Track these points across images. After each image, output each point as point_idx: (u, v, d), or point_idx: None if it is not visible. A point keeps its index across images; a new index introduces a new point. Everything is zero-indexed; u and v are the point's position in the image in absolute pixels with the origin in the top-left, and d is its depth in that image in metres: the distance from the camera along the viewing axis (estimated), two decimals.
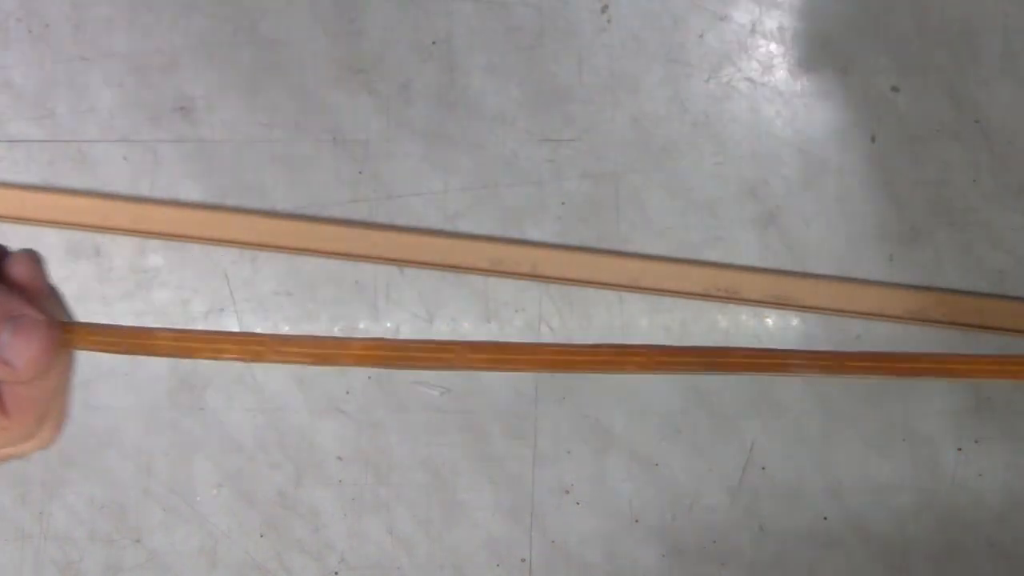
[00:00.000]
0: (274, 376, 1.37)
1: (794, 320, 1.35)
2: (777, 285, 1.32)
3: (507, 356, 0.44)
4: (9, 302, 0.39)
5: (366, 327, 1.37)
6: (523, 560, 1.37)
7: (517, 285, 1.36)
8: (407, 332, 1.37)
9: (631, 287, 1.34)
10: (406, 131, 1.38)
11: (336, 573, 1.38)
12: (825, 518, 1.35)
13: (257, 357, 0.43)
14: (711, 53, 1.37)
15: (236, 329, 1.37)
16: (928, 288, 1.34)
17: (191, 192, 1.38)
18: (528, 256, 1.34)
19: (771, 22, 1.37)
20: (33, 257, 0.41)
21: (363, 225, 1.37)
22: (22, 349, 0.38)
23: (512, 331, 1.36)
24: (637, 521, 1.36)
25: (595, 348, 0.44)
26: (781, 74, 1.37)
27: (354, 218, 1.37)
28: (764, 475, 1.35)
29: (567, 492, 1.37)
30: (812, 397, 1.35)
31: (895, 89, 1.36)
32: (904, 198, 1.35)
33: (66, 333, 0.42)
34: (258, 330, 1.37)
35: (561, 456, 1.36)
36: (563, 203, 1.36)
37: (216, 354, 0.43)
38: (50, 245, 1.39)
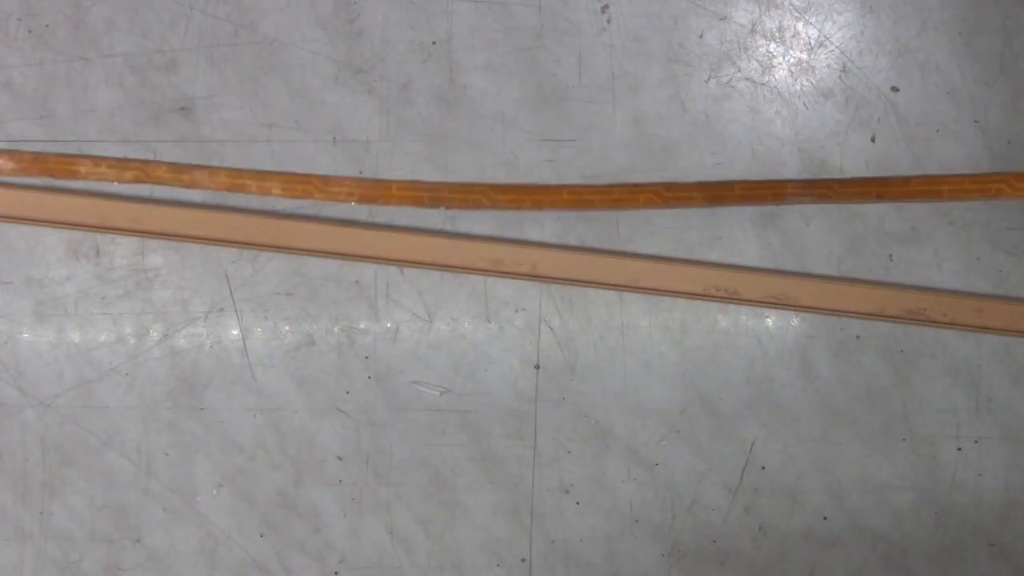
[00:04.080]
0: (274, 376, 1.38)
1: (794, 320, 1.35)
2: (777, 285, 1.32)
3: (529, 196, 0.47)
4: None
5: (366, 327, 1.37)
6: (523, 560, 1.37)
7: (517, 285, 1.36)
8: (407, 332, 1.37)
9: (631, 287, 1.34)
10: (406, 131, 1.38)
11: (336, 573, 1.38)
12: (825, 518, 1.35)
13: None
14: (711, 53, 1.37)
15: (236, 331, 1.38)
16: (928, 288, 1.34)
17: (191, 192, 1.38)
18: (528, 256, 1.34)
19: (771, 22, 1.37)
20: None
21: (363, 225, 1.37)
22: None
23: (512, 331, 1.36)
24: (637, 521, 1.36)
25: (609, 188, 0.47)
26: (781, 74, 1.37)
27: (354, 218, 1.37)
28: (764, 475, 1.35)
29: (567, 492, 1.37)
30: (812, 397, 1.35)
31: (895, 89, 1.36)
32: None
33: None
34: (258, 331, 1.37)
35: (561, 456, 1.36)
36: None
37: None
38: (50, 245, 1.39)
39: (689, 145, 1.36)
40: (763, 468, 1.35)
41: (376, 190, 1.24)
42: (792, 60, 1.37)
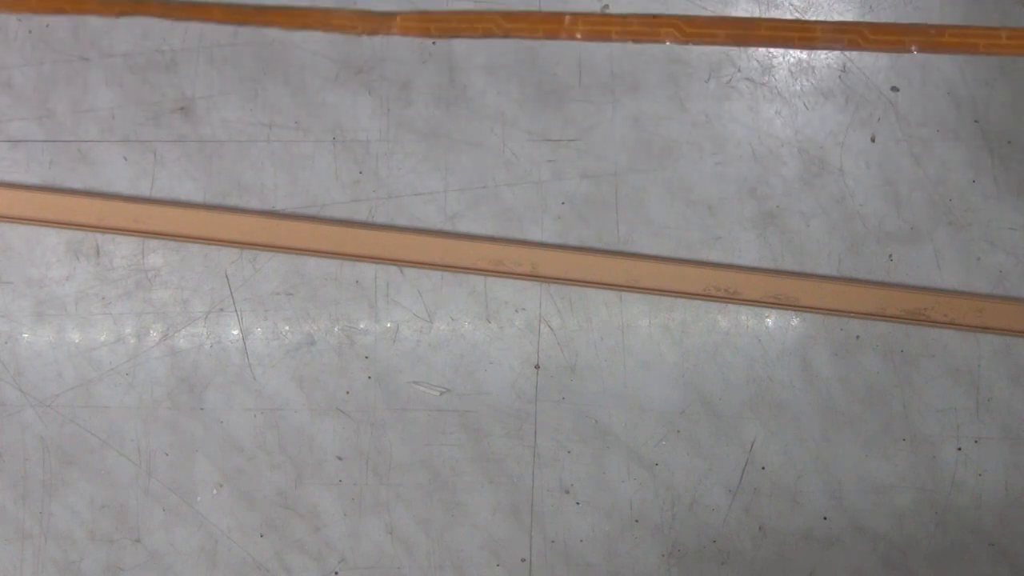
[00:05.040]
0: (274, 376, 1.37)
1: (794, 320, 1.35)
2: (777, 285, 1.32)
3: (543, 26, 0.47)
4: None
5: (366, 327, 1.37)
6: (523, 560, 1.37)
7: (517, 285, 1.36)
8: (407, 332, 1.37)
9: (631, 287, 1.34)
10: (406, 131, 1.38)
11: (336, 573, 1.38)
12: (825, 518, 1.35)
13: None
14: (711, 53, 1.37)
15: (236, 331, 1.38)
16: (928, 288, 1.34)
17: (191, 192, 1.38)
18: (528, 256, 1.34)
19: None
20: None
21: (363, 225, 1.37)
22: None
23: (512, 331, 1.36)
24: (637, 521, 1.36)
25: (627, 18, 0.45)
26: (781, 74, 1.37)
27: (354, 218, 1.37)
28: (764, 475, 1.35)
29: (567, 492, 1.37)
30: (812, 397, 1.35)
31: (895, 89, 1.36)
32: (904, 198, 1.35)
33: None
34: (258, 331, 1.37)
35: (561, 456, 1.36)
36: (563, 203, 1.36)
37: None
38: (50, 245, 1.39)
39: (689, 145, 1.36)
40: (763, 468, 1.35)
41: (380, 22, 1.19)
42: (792, 60, 1.37)
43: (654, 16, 1.12)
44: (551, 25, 1.13)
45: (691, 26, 1.12)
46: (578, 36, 1.11)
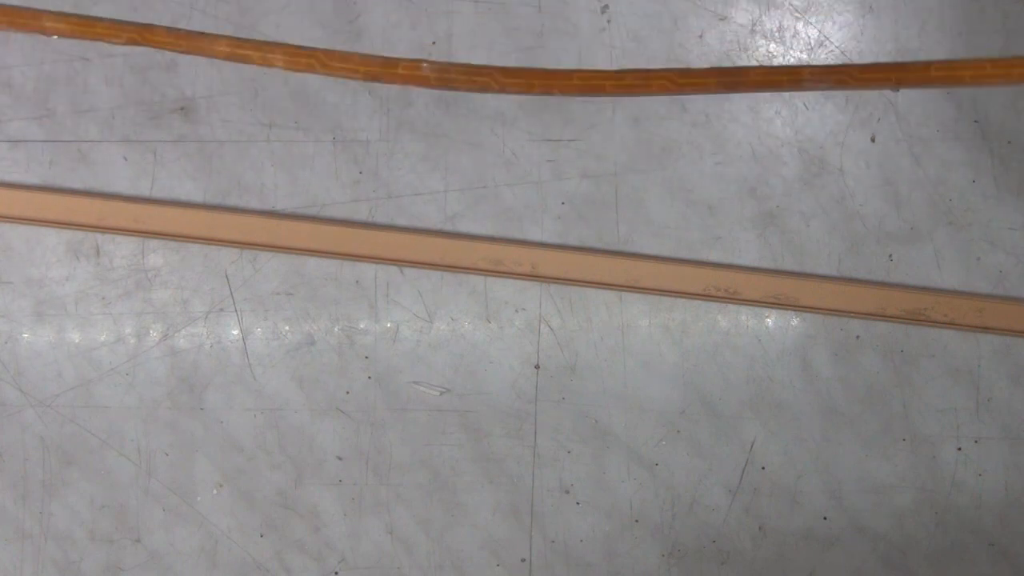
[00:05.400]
0: (274, 376, 1.38)
1: (794, 320, 1.35)
2: (777, 285, 1.32)
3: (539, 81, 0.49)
4: None
5: (366, 327, 1.37)
6: (523, 560, 1.37)
7: (517, 285, 1.36)
8: (407, 332, 1.37)
9: (631, 287, 1.34)
10: (406, 131, 1.38)
11: (336, 573, 1.38)
12: (825, 518, 1.35)
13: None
14: (711, 53, 1.37)
15: (236, 331, 1.38)
16: (928, 288, 1.34)
17: (191, 192, 1.38)
18: (528, 256, 1.34)
19: (771, 22, 1.37)
20: None
21: (363, 225, 1.37)
22: None
23: (512, 331, 1.36)
24: (637, 521, 1.36)
25: (620, 73, 0.46)
26: None
27: (354, 218, 1.37)
28: (764, 475, 1.35)
29: (567, 492, 1.37)
30: (812, 397, 1.35)
31: (895, 89, 1.36)
32: (904, 198, 1.35)
33: None
34: (258, 331, 1.37)
35: (561, 456, 1.36)
36: (563, 203, 1.36)
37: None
38: (50, 245, 1.39)
39: (689, 145, 1.36)
40: (763, 468, 1.35)
41: (383, 67, 1.19)
42: (792, 60, 1.37)
43: (647, 71, 1.15)
44: (548, 81, 1.13)
45: (684, 77, 1.15)
46: (573, 91, 1.13)
